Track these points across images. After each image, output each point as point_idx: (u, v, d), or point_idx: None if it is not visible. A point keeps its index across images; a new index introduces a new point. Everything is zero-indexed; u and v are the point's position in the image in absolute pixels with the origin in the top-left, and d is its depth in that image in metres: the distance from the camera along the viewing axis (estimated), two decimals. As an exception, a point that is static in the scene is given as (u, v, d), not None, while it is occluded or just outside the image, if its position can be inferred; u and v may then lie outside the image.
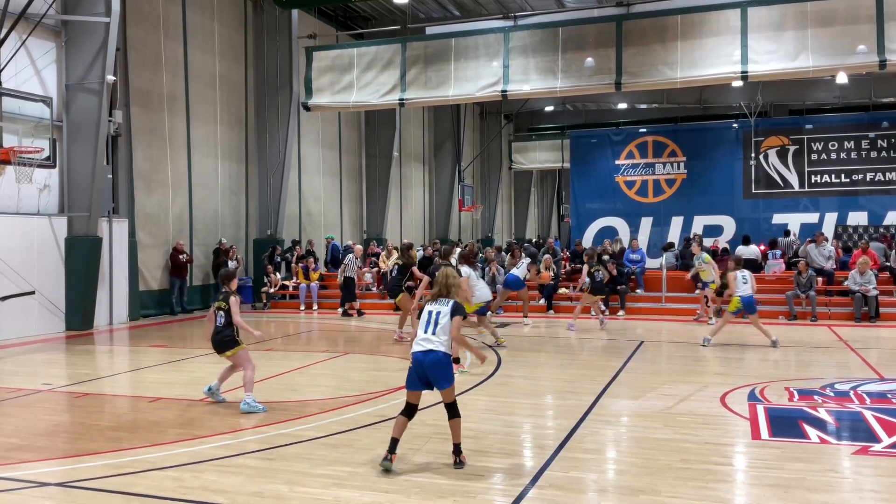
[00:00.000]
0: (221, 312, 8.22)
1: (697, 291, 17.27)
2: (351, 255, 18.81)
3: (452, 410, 6.18)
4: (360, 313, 18.44)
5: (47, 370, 11.11)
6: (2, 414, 8.43)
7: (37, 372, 10.92)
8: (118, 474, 5.96)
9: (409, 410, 6.21)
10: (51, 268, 15.31)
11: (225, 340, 8.20)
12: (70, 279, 15.54)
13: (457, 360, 11.21)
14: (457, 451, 6.18)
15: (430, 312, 6.26)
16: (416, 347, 6.19)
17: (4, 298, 14.04)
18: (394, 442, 6.08)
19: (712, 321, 15.31)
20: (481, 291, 12.05)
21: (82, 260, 15.60)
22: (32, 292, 14.67)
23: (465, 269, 11.72)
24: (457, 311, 6.24)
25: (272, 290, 20.23)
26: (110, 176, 16.56)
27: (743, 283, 12.48)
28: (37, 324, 14.93)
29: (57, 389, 9.52)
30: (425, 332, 6.19)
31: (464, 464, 6.13)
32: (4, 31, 12.95)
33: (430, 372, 6.09)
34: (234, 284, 8.51)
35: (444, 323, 6.17)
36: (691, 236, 21.87)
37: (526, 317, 16.50)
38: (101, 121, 15.41)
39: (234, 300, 8.24)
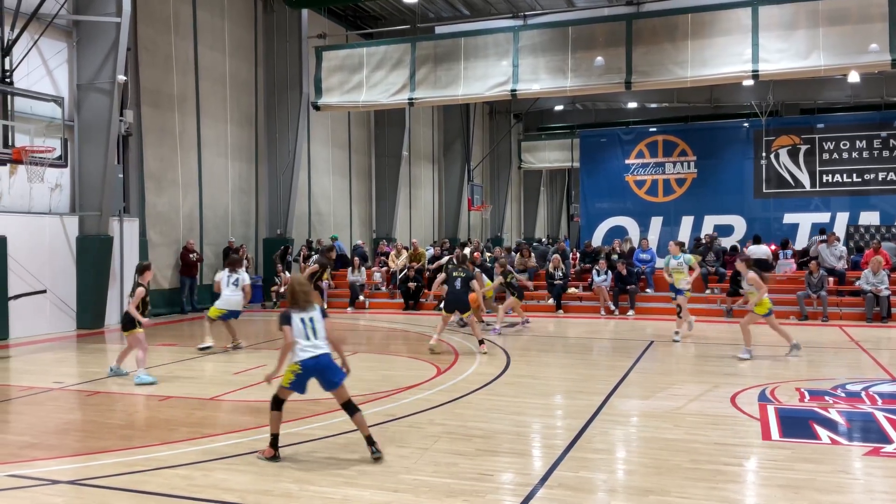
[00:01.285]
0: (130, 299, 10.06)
1: (676, 298, 14.23)
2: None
3: (351, 407, 6.35)
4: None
5: (58, 368, 11.17)
6: (14, 412, 8.48)
7: (48, 370, 10.99)
8: (129, 472, 5.99)
9: (280, 404, 6.42)
10: (62, 267, 15.39)
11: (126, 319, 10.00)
12: (81, 278, 15.62)
13: (481, 342, 12.17)
14: (370, 441, 6.26)
15: (302, 320, 6.33)
16: (303, 356, 6.25)
17: (16, 297, 14.12)
18: (275, 438, 6.35)
19: (678, 337, 13.62)
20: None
21: (93, 259, 15.67)
22: (44, 291, 14.75)
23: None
24: (324, 313, 6.50)
25: (283, 290, 20.26)
26: (121, 175, 16.63)
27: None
28: (48, 322, 15.02)
29: (68, 388, 9.57)
30: (307, 339, 6.29)
31: (381, 453, 6.22)
32: (16, 31, 13.02)
33: (326, 373, 6.28)
34: (147, 278, 10.15)
35: (321, 326, 6.37)
36: (702, 236, 21.86)
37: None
38: (112, 120, 15.48)
39: (138, 292, 9.96)
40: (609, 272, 18.44)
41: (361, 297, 19.95)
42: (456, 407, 8.24)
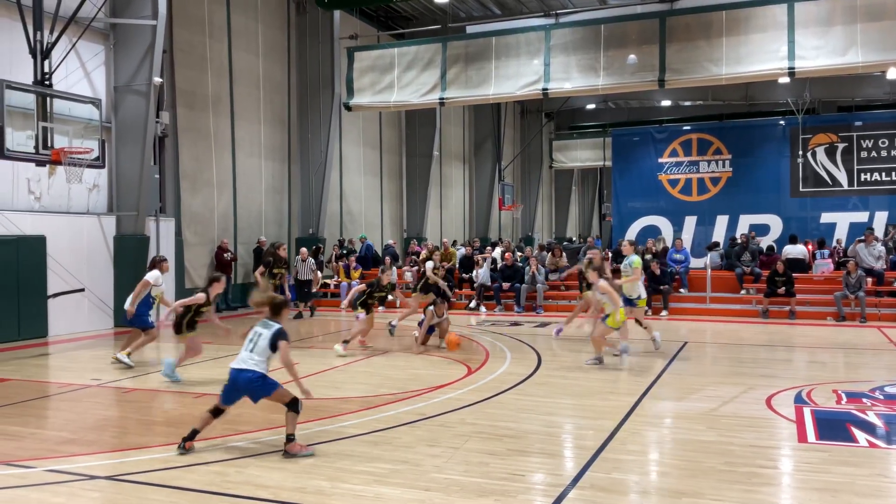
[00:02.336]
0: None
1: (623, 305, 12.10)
2: (298, 258, 18.81)
3: (292, 405, 6.47)
4: (312, 312, 18.44)
5: (96, 365, 11.36)
6: (52, 408, 8.66)
7: (86, 367, 11.18)
8: (165, 468, 6.08)
9: (218, 412, 6.59)
10: (100, 266, 15.66)
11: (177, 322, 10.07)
12: (118, 277, 15.88)
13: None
14: (289, 439, 6.43)
15: (255, 332, 6.48)
16: (233, 364, 6.47)
17: (55, 295, 14.40)
18: (194, 432, 6.55)
19: (657, 340, 12.03)
20: None
21: (130, 258, 15.92)
22: (82, 290, 15.02)
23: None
24: (280, 335, 6.40)
25: (315, 289, 20.38)
26: (157, 176, 16.87)
27: None
28: (86, 320, 15.29)
29: (106, 385, 9.73)
30: (245, 351, 6.45)
31: (289, 454, 6.34)
32: (55, 34, 13.27)
33: (245, 389, 6.40)
34: (218, 289, 10.24)
35: (263, 345, 6.39)
36: (737, 235, 21.58)
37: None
38: (148, 122, 15.72)
39: (197, 297, 10.03)
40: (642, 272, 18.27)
41: (391, 297, 19.98)
42: (487, 406, 8.24)
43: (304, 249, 19.34)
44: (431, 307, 12.48)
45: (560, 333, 11.82)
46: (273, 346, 6.39)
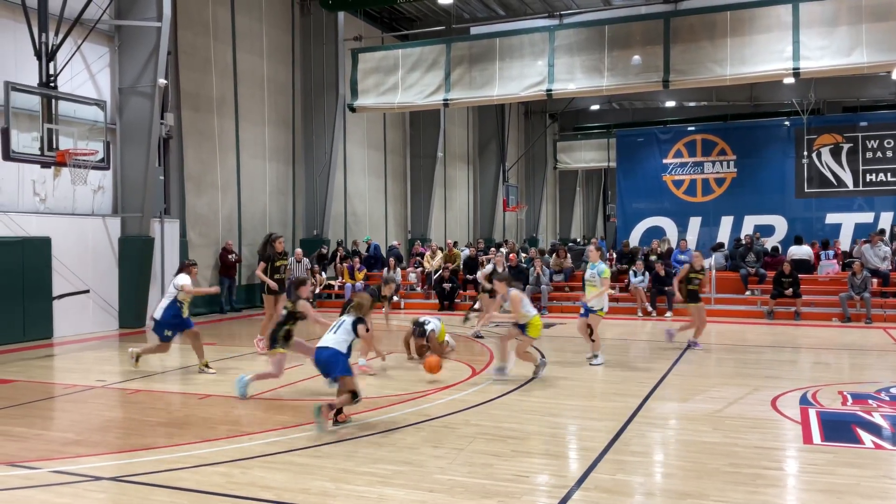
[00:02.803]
0: (284, 311, 9.04)
1: (584, 313, 11.35)
2: (292, 259, 18.77)
3: (353, 395, 7.33)
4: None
5: (101, 367, 11.39)
6: (57, 409, 8.67)
7: (91, 369, 11.21)
8: (169, 469, 6.08)
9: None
10: (105, 267, 15.69)
11: (272, 336, 9.00)
12: (123, 278, 15.91)
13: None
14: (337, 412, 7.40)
15: (340, 320, 7.81)
16: (318, 344, 7.61)
17: (60, 297, 14.43)
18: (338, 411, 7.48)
19: (597, 360, 11.06)
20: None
21: (135, 259, 15.95)
22: (87, 291, 15.05)
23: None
24: (359, 322, 7.60)
25: (317, 290, 20.41)
26: (162, 177, 16.91)
27: None
28: (91, 322, 15.32)
29: (110, 386, 9.75)
30: (330, 332, 7.60)
31: (339, 423, 7.36)
32: (60, 36, 13.31)
33: (324, 363, 7.44)
34: (305, 292, 9.13)
35: (346, 328, 7.53)
36: (742, 236, 21.54)
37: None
38: (153, 123, 15.75)
39: (302, 304, 9.00)
40: (646, 273, 18.28)
41: (396, 298, 20.01)
42: (491, 408, 8.23)
43: (298, 250, 19.36)
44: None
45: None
46: (354, 329, 7.49)
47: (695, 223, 24.66)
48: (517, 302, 9.74)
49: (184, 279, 10.77)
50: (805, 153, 23.72)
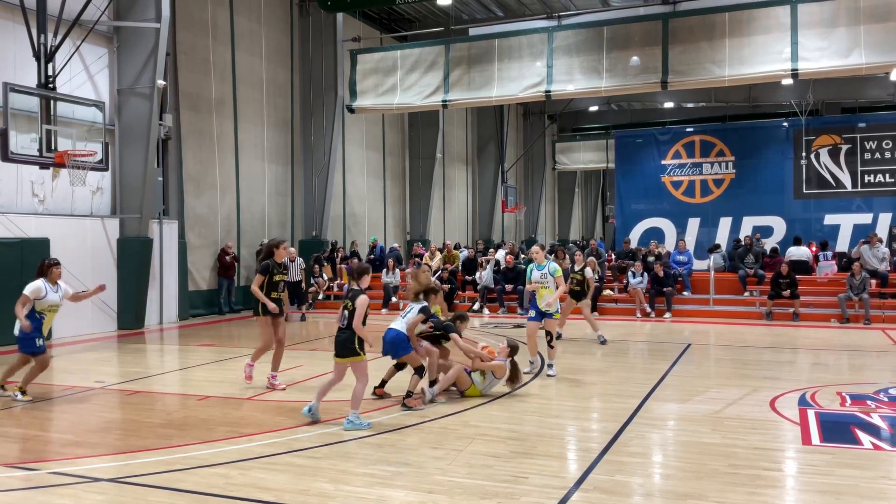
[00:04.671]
0: (346, 312, 7.42)
1: (531, 316, 10.42)
2: (286, 260, 18.62)
3: (418, 370, 8.29)
4: (303, 317, 18.05)
5: (100, 368, 11.39)
6: (57, 411, 8.66)
7: (90, 370, 11.20)
8: (168, 471, 6.08)
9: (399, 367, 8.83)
10: (103, 268, 15.67)
11: (346, 344, 7.39)
12: (122, 279, 15.90)
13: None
14: (407, 395, 8.27)
15: (410, 306, 8.76)
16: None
17: (59, 298, 14.40)
18: (383, 382, 8.83)
19: (552, 370, 10.15)
20: None
21: (134, 260, 15.94)
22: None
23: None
24: (424, 310, 8.64)
25: (321, 295, 20.39)
26: (161, 178, 16.90)
27: None
28: (90, 323, 15.30)
29: (109, 387, 9.75)
30: (400, 317, 8.60)
31: (406, 406, 8.15)
32: (59, 37, 13.30)
33: (390, 344, 8.30)
34: (366, 281, 7.68)
35: (413, 313, 8.58)
36: (741, 237, 21.55)
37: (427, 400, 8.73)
38: (151, 124, 15.74)
39: (361, 301, 7.32)
40: (645, 274, 18.30)
41: (395, 299, 20.01)
42: (490, 409, 8.23)
43: (291, 249, 19.32)
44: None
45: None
46: (422, 312, 8.51)
47: (693, 224, 24.65)
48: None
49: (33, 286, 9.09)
50: (803, 154, 23.72)
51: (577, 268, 13.82)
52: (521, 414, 7.98)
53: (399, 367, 8.80)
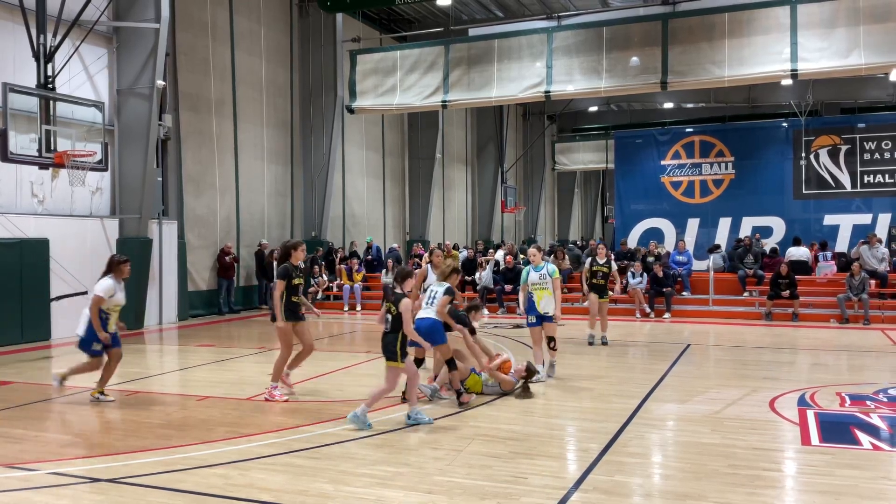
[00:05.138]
0: (389, 316, 7.46)
1: (531, 322, 10.05)
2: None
3: (450, 363, 8.35)
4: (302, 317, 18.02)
5: (99, 369, 11.35)
6: (55, 411, 8.66)
7: (89, 370, 11.17)
8: (167, 471, 6.08)
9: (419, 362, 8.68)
10: (103, 268, 15.62)
11: (389, 347, 7.45)
12: (121, 280, 15.87)
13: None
14: (458, 394, 8.36)
15: (432, 290, 8.76)
16: (418, 315, 8.32)
17: (58, 298, 14.41)
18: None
19: (545, 375, 9.88)
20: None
21: (133, 261, 15.64)
22: (85, 292, 14.99)
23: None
24: (447, 291, 8.70)
25: (320, 294, 20.39)
26: (160, 179, 16.90)
27: None
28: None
29: (109, 387, 9.72)
30: (426, 304, 8.60)
31: (463, 404, 8.23)
32: (59, 37, 13.30)
33: (424, 332, 8.09)
34: (409, 285, 7.74)
35: (439, 299, 8.58)
36: (742, 237, 21.54)
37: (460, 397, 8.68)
38: (151, 125, 15.74)
39: (405, 304, 7.36)
40: (644, 274, 18.30)
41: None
42: (490, 409, 8.23)
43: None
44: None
45: None
46: (447, 293, 8.56)
47: (693, 224, 24.65)
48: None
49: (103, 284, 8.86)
50: (803, 155, 23.73)
51: (600, 261, 13.55)
52: (520, 414, 7.98)
53: (419, 362, 8.72)
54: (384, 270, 20.51)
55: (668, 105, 34.48)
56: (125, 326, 9.17)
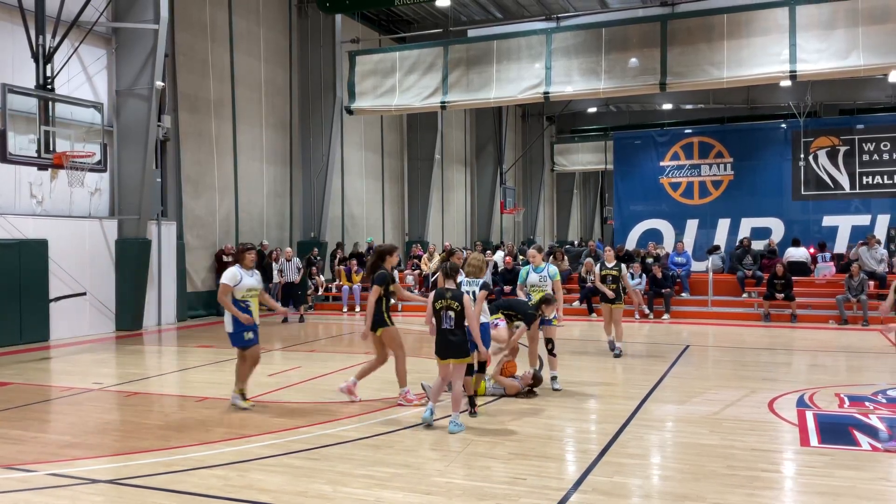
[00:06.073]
0: (451, 313, 7.38)
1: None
2: (282, 259, 18.61)
3: (469, 369, 7.99)
4: (301, 318, 18.01)
5: (98, 369, 11.37)
6: (55, 412, 8.66)
7: (88, 371, 11.18)
8: (166, 472, 6.08)
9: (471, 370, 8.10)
10: (102, 269, 15.67)
11: (462, 346, 7.43)
12: (120, 281, 15.89)
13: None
14: (471, 403, 8.00)
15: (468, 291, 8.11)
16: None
17: (57, 299, 14.41)
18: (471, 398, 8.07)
19: (555, 384, 9.42)
20: None
21: (132, 262, 15.93)
22: (84, 293, 15.03)
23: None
24: (484, 286, 8.35)
25: (319, 293, 20.38)
26: (159, 179, 16.88)
27: None
28: (88, 324, 15.30)
29: (107, 388, 9.73)
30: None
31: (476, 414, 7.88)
32: (57, 38, 13.30)
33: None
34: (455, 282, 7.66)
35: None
36: (741, 238, 21.55)
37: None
38: (150, 125, 15.74)
39: (468, 299, 7.46)
40: (643, 275, 18.30)
41: (393, 301, 19.97)
42: (489, 410, 8.23)
43: (288, 249, 19.28)
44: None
45: None
46: (483, 288, 8.24)
47: (692, 225, 24.63)
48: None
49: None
50: (802, 156, 23.72)
51: (609, 265, 12.27)
52: (519, 415, 7.98)
53: (482, 366, 8.41)
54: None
55: (667, 106, 34.49)
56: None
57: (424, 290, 20.50)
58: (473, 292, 8.24)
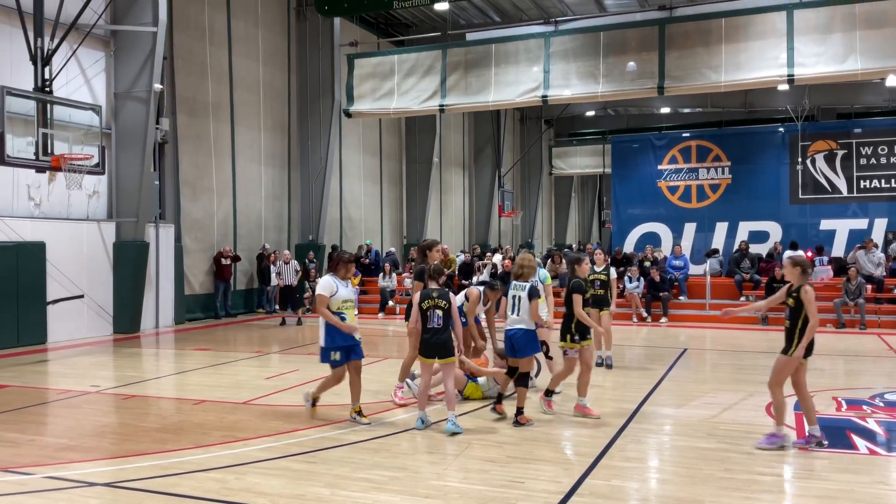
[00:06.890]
0: (439, 312, 7.40)
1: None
2: (280, 261, 18.59)
3: (522, 378, 7.71)
4: (299, 321, 18.05)
5: (96, 372, 11.35)
6: (51, 415, 8.64)
7: (85, 374, 11.17)
8: (163, 475, 6.07)
9: (512, 371, 7.88)
10: (99, 272, 15.65)
11: (447, 345, 7.44)
12: (118, 283, 15.88)
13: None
14: (518, 412, 7.68)
15: (513, 297, 7.78)
16: (506, 327, 7.76)
17: (54, 302, 14.39)
18: (500, 396, 8.04)
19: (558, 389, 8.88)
20: None
21: (130, 264, 15.92)
22: (81, 296, 15.01)
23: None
24: (533, 292, 7.71)
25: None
26: (157, 182, 16.89)
27: None
28: (86, 327, 15.28)
29: (105, 391, 9.72)
30: (513, 313, 7.71)
31: (519, 423, 7.56)
32: (56, 41, 13.30)
33: (516, 344, 7.65)
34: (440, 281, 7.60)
35: (525, 304, 7.64)
36: (740, 243, 21.57)
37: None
38: (148, 128, 15.74)
39: (455, 298, 7.53)
40: (641, 279, 18.31)
41: (392, 303, 20.00)
42: (486, 413, 8.22)
43: (286, 252, 19.26)
44: None
45: None
46: (530, 299, 7.65)
47: (690, 229, 24.68)
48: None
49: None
50: (799, 159, 23.77)
51: (598, 268, 11.52)
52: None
53: (510, 372, 7.96)
54: (381, 274, 20.51)
55: (665, 110, 34.52)
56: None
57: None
58: (521, 297, 7.75)
